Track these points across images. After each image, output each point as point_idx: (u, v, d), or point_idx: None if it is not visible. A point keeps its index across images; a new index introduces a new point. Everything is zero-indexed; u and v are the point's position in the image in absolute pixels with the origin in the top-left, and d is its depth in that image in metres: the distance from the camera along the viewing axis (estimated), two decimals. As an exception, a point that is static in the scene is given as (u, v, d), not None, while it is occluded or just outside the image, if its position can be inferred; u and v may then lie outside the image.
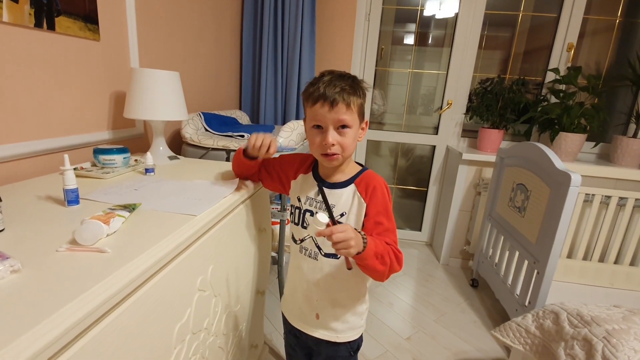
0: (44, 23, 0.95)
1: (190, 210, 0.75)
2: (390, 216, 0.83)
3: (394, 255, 0.77)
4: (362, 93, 0.79)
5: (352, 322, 0.91)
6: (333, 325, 0.89)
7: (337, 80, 0.77)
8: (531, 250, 1.60)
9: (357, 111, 0.79)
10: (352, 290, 0.89)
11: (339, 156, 0.79)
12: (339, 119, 0.76)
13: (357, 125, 0.80)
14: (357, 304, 0.91)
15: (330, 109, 0.75)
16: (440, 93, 2.58)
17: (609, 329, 0.97)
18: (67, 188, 0.72)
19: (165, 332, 0.63)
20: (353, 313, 0.90)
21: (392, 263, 0.76)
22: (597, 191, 1.98)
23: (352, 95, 0.76)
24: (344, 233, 0.66)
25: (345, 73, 0.80)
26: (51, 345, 0.39)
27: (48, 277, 0.48)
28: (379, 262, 0.74)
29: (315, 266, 0.86)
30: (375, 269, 0.75)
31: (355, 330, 0.93)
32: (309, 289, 0.89)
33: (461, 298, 2.11)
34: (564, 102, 2.13)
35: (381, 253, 0.74)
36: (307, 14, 2.14)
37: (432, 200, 2.76)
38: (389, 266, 0.76)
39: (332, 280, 0.86)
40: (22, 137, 0.96)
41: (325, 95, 0.75)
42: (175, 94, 1.18)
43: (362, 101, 0.80)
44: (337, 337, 0.90)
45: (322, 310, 0.89)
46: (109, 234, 0.61)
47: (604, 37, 2.32)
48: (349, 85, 0.77)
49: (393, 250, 0.77)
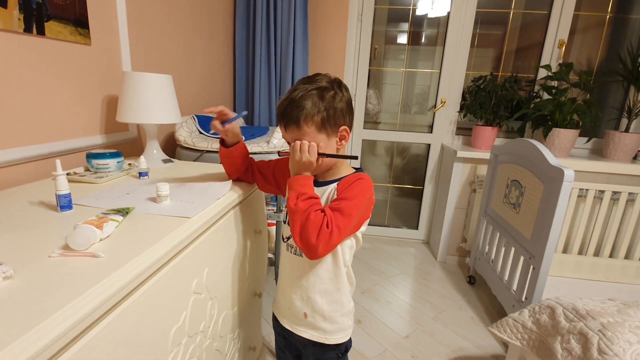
0: (34, 28, 0.95)
1: (184, 213, 0.75)
2: (352, 203, 0.77)
3: (310, 211, 0.74)
4: (325, 106, 0.77)
5: (341, 323, 0.90)
6: (322, 325, 0.88)
7: (294, 100, 0.77)
8: (527, 246, 1.61)
9: (317, 128, 0.78)
10: (335, 286, 0.87)
11: None
12: (293, 138, 0.80)
13: (323, 141, 0.79)
14: (344, 301, 0.90)
15: (285, 131, 0.81)
16: (434, 92, 2.59)
17: (604, 322, 0.98)
18: (60, 193, 0.72)
19: (161, 335, 0.63)
20: (341, 313, 0.89)
21: (301, 212, 0.74)
22: (590, 186, 2.00)
23: (305, 115, 0.76)
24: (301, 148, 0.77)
25: (309, 85, 0.78)
26: (45, 351, 0.39)
27: (40, 283, 0.48)
28: (295, 199, 0.76)
29: (300, 263, 0.87)
30: (289, 203, 0.77)
31: (345, 332, 0.92)
32: (296, 287, 0.89)
33: (459, 295, 2.11)
34: (556, 99, 2.15)
35: (304, 195, 0.76)
36: (299, 15, 2.15)
37: (428, 198, 2.77)
38: (298, 211, 0.74)
39: (315, 278, 0.86)
40: (14, 143, 0.95)
41: (281, 117, 0.80)
42: (168, 97, 1.18)
43: (325, 115, 0.77)
44: (326, 339, 0.89)
45: (309, 309, 0.88)
46: (102, 238, 0.60)
47: (594, 33, 2.34)
48: (302, 105, 0.76)
49: (323, 214, 0.74)
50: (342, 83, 0.82)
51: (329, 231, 0.73)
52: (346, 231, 0.76)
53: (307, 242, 0.73)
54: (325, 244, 0.73)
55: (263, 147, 1.50)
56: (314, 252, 0.74)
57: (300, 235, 0.74)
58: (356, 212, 0.78)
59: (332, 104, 0.77)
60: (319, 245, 0.73)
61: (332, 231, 0.73)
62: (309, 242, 0.73)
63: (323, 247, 0.73)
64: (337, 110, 0.78)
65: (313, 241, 0.73)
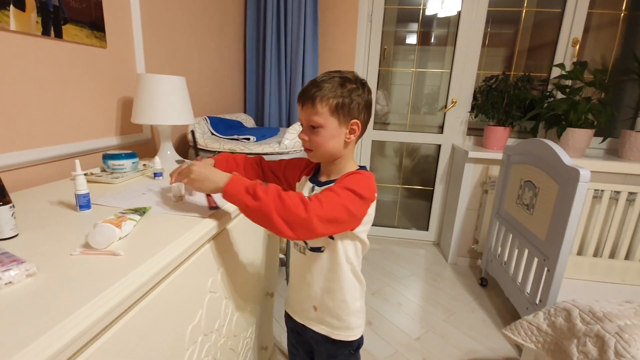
0: (52, 31, 0.97)
1: (197, 212, 0.75)
2: (341, 185, 0.73)
3: (278, 194, 0.68)
4: (342, 93, 0.77)
5: (348, 321, 0.88)
6: (329, 320, 0.88)
7: (316, 81, 0.78)
8: (541, 248, 1.58)
9: (330, 111, 0.77)
10: (338, 284, 0.85)
11: (313, 152, 0.82)
12: (307, 118, 0.79)
13: (333, 126, 0.78)
14: (348, 300, 0.87)
15: (301, 109, 0.80)
16: (445, 92, 2.57)
17: (621, 324, 0.96)
18: (79, 193, 0.73)
19: (178, 333, 0.63)
20: (346, 312, 0.87)
21: (270, 200, 0.66)
22: (606, 187, 1.96)
23: (321, 96, 0.76)
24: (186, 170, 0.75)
25: (335, 73, 0.79)
26: (68, 347, 0.39)
27: (63, 281, 0.49)
28: (251, 197, 0.68)
29: (305, 260, 0.88)
30: (246, 204, 0.68)
31: (354, 331, 0.90)
32: (304, 284, 0.90)
33: (470, 297, 2.09)
34: (571, 98, 2.12)
35: (254, 188, 0.68)
36: (309, 16, 2.15)
37: (438, 199, 2.75)
38: (264, 202, 0.66)
39: (318, 274, 0.86)
40: (33, 144, 0.97)
41: (300, 95, 0.80)
42: (181, 99, 1.19)
43: (341, 101, 0.76)
44: (333, 334, 0.88)
45: (317, 302, 0.88)
46: (120, 237, 0.61)
47: (609, 31, 2.30)
48: (321, 87, 0.76)
49: (291, 197, 0.68)
50: (366, 84, 0.83)
51: (317, 200, 0.68)
52: (337, 207, 0.70)
53: (296, 220, 0.66)
54: (318, 217, 0.67)
55: (275, 147, 1.50)
56: (310, 226, 0.67)
57: (285, 220, 0.66)
58: (346, 195, 0.72)
59: (351, 95, 0.78)
60: (312, 218, 0.66)
61: (321, 201, 0.69)
62: (298, 218, 0.66)
63: (317, 220, 0.67)
64: (353, 102, 0.78)
65: (303, 215, 0.66)
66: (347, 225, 0.76)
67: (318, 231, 0.68)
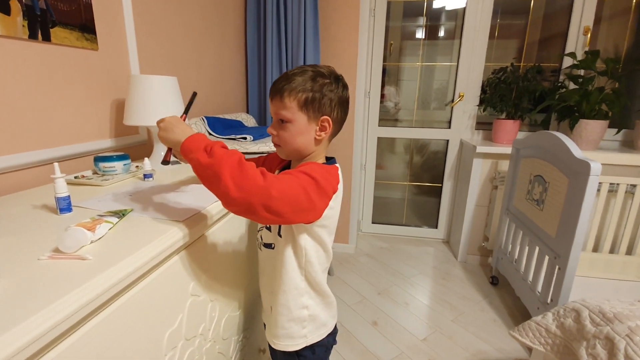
0: (39, 34, 0.96)
1: (177, 216, 0.73)
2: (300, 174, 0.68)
3: (239, 160, 0.62)
4: (313, 87, 0.73)
5: (289, 329, 0.81)
6: (270, 326, 0.85)
7: (288, 75, 0.75)
8: (551, 245, 1.52)
9: (299, 106, 0.73)
10: (283, 285, 0.79)
11: (281, 148, 0.79)
12: (275, 112, 0.76)
13: (302, 121, 0.74)
14: (294, 305, 0.80)
15: (271, 102, 0.78)
16: (452, 86, 2.51)
17: (632, 325, 0.90)
18: (59, 196, 0.72)
19: (154, 338, 0.61)
20: (289, 318, 0.81)
21: (226, 160, 0.61)
22: (621, 180, 1.87)
23: (290, 89, 0.73)
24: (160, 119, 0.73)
25: (309, 67, 0.76)
26: (21, 352, 0.38)
27: (25, 286, 0.47)
28: (206, 155, 0.63)
29: (261, 257, 0.87)
30: (199, 161, 0.63)
31: (295, 340, 0.82)
32: (261, 280, 0.89)
33: (480, 296, 2.03)
34: (583, 88, 2.03)
35: (212, 147, 0.64)
36: (309, 12, 2.12)
37: (447, 196, 2.69)
38: (218, 160, 0.61)
39: (270, 272, 0.84)
40: (23, 147, 0.97)
41: (271, 88, 0.77)
42: (173, 99, 1.18)
43: (310, 96, 0.73)
44: (273, 343, 0.83)
45: (273, 304, 0.83)
46: (93, 240, 0.60)
47: (621, 19, 2.20)
48: (291, 80, 0.73)
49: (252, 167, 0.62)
50: (342, 79, 0.79)
51: (274, 177, 0.63)
52: (294, 186, 0.65)
53: (252, 187, 0.60)
54: (276, 189, 0.61)
55: (271, 146, 1.48)
56: (266, 194, 0.60)
57: (237, 183, 0.60)
58: (303, 177, 0.67)
59: (322, 90, 0.74)
60: (269, 188, 0.60)
61: (279, 178, 0.64)
62: (255, 185, 0.60)
63: (276, 192, 0.61)
64: (324, 97, 0.74)
65: (260, 182, 0.60)
66: (307, 213, 0.69)
67: (274, 203, 0.61)
